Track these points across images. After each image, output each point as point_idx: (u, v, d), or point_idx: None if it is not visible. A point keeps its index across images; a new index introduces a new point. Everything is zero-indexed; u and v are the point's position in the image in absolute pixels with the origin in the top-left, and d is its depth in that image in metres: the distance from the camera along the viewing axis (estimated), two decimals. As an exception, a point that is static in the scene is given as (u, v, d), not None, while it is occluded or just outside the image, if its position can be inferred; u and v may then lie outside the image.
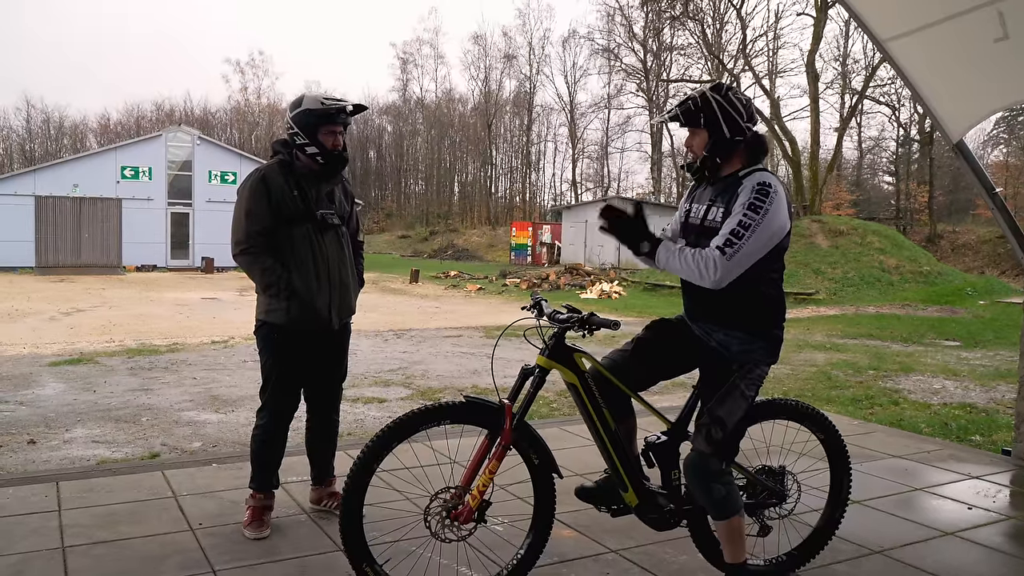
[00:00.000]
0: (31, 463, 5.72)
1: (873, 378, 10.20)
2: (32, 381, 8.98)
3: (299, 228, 3.99)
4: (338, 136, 4.02)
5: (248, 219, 3.94)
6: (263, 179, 3.98)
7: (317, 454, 4.37)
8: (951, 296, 24.33)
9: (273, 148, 4.15)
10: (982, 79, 5.44)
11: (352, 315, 4.30)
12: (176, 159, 37.51)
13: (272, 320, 4.03)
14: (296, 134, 3.97)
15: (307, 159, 4.00)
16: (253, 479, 4.13)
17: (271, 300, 4.00)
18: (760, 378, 3.24)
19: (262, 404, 4.16)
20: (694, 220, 3.30)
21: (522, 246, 44.84)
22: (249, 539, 3.92)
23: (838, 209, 45.10)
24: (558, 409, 7.67)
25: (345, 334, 4.30)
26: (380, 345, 12.63)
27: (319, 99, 3.98)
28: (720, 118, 3.12)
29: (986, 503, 4.86)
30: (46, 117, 74.58)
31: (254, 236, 3.95)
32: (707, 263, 2.97)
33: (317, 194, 4.07)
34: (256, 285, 4.06)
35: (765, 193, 3.01)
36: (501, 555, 3.52)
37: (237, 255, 4.01)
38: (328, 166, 4.03)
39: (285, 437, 4.19)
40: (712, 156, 3.16)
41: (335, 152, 4.01)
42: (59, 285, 26.35)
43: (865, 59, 44.74)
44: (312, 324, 4.04)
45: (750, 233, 2.96)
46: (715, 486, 3.18)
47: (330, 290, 4.05)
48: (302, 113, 3.95)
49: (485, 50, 72.21)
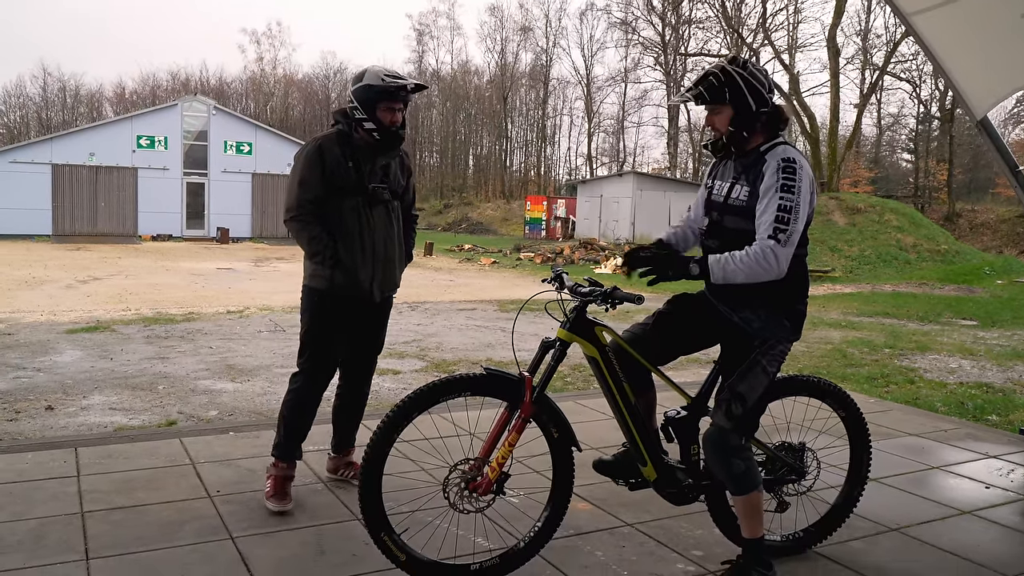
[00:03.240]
0: (49, 429, 5.77)
1: (889, 356, 10.14)
2: (49, 348, 9.04)
3: (350, 200, 4.01)
4: (397, 113, 4.00)
5: (301, 187, 3.97)
6: (319, 148, 4.00)
7: (342, 424, 4.41)
8: (969, 275, 24.12)
9: (333, 117, 4.16)
10: (1007, 55, 5.34)
11: (396, 289, 4.33)
12: (192, 129, 37.56)
13: (315, 285, 4.07)
14: (355, 108, 3.97)
15: (364, 133, 4.00)
16: (277, 446, 4.11)
17: (316, 267, 4.04)
18: (782, 354, 3.22)
19: (298, 369, 4.16)
20: (717, 197, 3.27)
21: (537, 220, 44.71)
22: (272, 511, 3.91)
23: (856, 186, 44.79)
24: (572, 383, 7.66)
25: (386, 307, 4.33)
26: (394, 317, 12.54)
27: (380, 75, 3.94)
28: (746, 91, 3.07)
29: (1003, 482, 4.83)
30: (62, 85, 74.57)
31: (305, 204, 3.97)
32: (766, 257, 2.95)
33: (372, 167, 4.07)
34: (303, 251, 4.10)
35: (792, 170, 2.99)
36: (518, 527, 3.52)
37: (287, 221, 4.05)
38: (384, 142, 4.03)
39: (317, 404, 4.19)
40: (739, 131, 3.12)
41: (392, 128, 4.00)
42: (75, 253, 26.49)
43: (887, 34, 44.39)
44: (354, 293, 4.06)
45: (794, 215, 2.96)
46: (735, 461, 3.17)
47: (374, 264, 4.07)
48: (363, 88, 3.94)
49: (501, 22, 72.05)
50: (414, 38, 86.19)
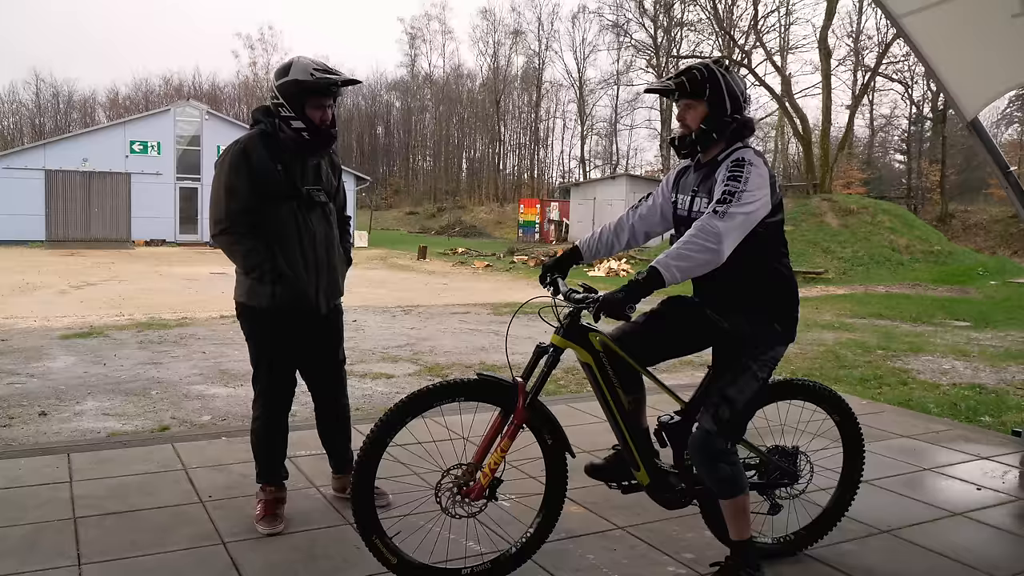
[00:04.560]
0: (42, 435, 5.76)
1: (882, 358, 10.17)
2: (43, 354, 9.02)
3: (284, 206, 3.68)
4: (327, 110, 3.67)
5: (228, 196, 3.62)
6: (244, 152, 3.64)
7: (332, 442, 4.15)
8: (962, 276, 24.19)
9: (253, 117, 3.80)
10: (998, 56, 5.36)
11: (341, 296, 4.03)
12: (185, 134, 37.46)
13: (255, 303, 3.73)
14: (281, 105, 3.62)
15: (292, 133, 3.65)
16: (260, 474, 3.93)
17: (254, 283, 3.69)
18: (774, 360, 3.22)
19: (256, 394, 3.94)
20: (682, 212, 3.30)
21: (530, 223, 44.72)
22: (263, 534, 3.71)
23: (848, 188, 44.80)
24: (566, 386, 7.67)
25: (336, 316, 4.02)
26: (388, 321, 12.64)
27: (309, 69, 3.60)
28: (725, 93, 3.09)
29: (995, 483, 4.85)
30: (55, 91, 74.67)
31: (235, 215, 3.63)
32: (705, 233, 2.86)
33: (303, 169, 3.74)
34: (236, 267, 3.76)
35: (740, 165, 2.99)
36: (509, 531, 3.52)
37: (216, 235, 3.69)
38: (314, 142, 3.71)
39: (286, 427, 3.96)
40: (709, 131, 3.12)
41: (323, 128, 3.68)
42: (69, 259, 26.43)
43: (878, 35, 44.34)
44: (299, 307, 3.75)
45: (736, 198, 2.90)
46: (720, 465, 3.17)
47: (317, 272, 3.77)
48: (289, 83, 3.59)
49: (494, 25, 72.12)
50: (406, 42, 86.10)
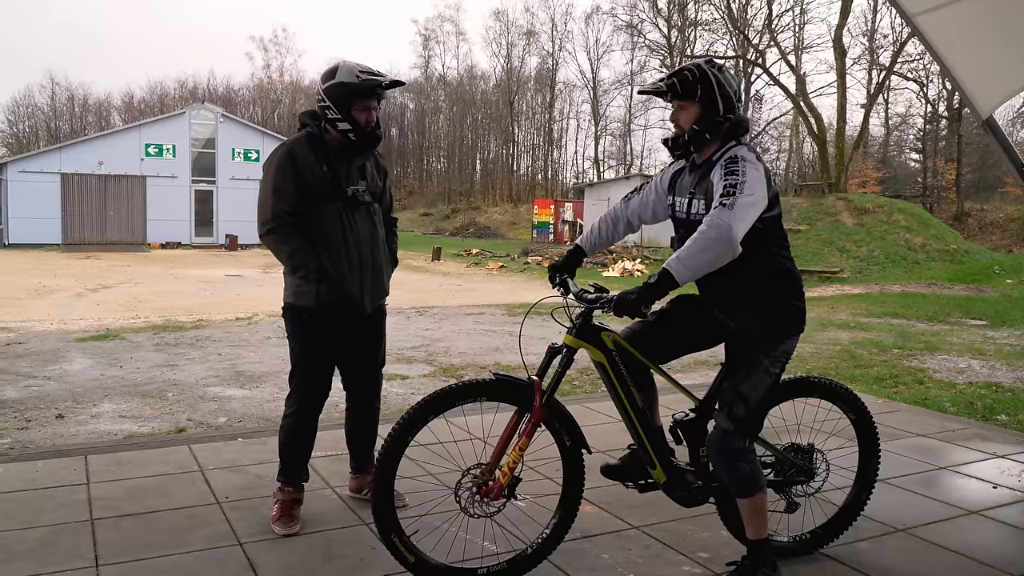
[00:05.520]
0: (59, 437, 5.80)
1: (897, 357, 10.11)
2: (60, 356, 9.09)
3: (329, 206, 3.76)
4: (372, 112, 3.75)
5: (275, 197, 3.72)
6: (290, 154, 3.74)
7: (357, 443, 4.19)
8: (978, 275, 24.03)
9: (301, 120, 3.90)
10: (1014, 54, 5.32)
11: (386, 297, 4.08)
12: (200, 136, 37.69)
13: (301, 303, 3.81)
14: (328, 107, 3.71)
15: (338, 134, 3.75)
16: (282, 472, 3.95)
17: (300, 282, 3.78)
18: (786, 354, 3.21)
19: (291, 391, 3.95)
20: (680, 214, 3.30)
21: (544, 224, 44.73)
22: (279, 535, 3.73)
23: (864, 187, 44.61)
24: (580, 387, 7.67)
25: (380, 317, 4.07)
26: (402, 322, 12.66)
27: (355, 71, 3.67)
28: (717, 93, 3.09)
29: (1011, 482, 4.82)
30: (71, 95, 75.13)
31: (281, 215, 3.72)
32: (716, 227, 2.84)
33: (348, 170, 3.83)
34: (284, 266, 3.86)
35: (735, 162, 2.99)
36: (525, 531, 3.53)
37: (264, 235, 3.78)
38: (360, 143, 3.80)
39: (315, 428, 4.00)
40: (702, 132, 3.12)
41: (368, 129, 3.76)
42: (85, 262, 26.61)
43: (893, 34, 44.15)
44: (344, 307, 3.82)
45: (739, 188, 2.90)
46: (740, 464, 3.17)
47: (362, 272, 3.83)
48: (336, 86, 3.68)
49: (507, 26, 72.30)
50: (420, 43, 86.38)
